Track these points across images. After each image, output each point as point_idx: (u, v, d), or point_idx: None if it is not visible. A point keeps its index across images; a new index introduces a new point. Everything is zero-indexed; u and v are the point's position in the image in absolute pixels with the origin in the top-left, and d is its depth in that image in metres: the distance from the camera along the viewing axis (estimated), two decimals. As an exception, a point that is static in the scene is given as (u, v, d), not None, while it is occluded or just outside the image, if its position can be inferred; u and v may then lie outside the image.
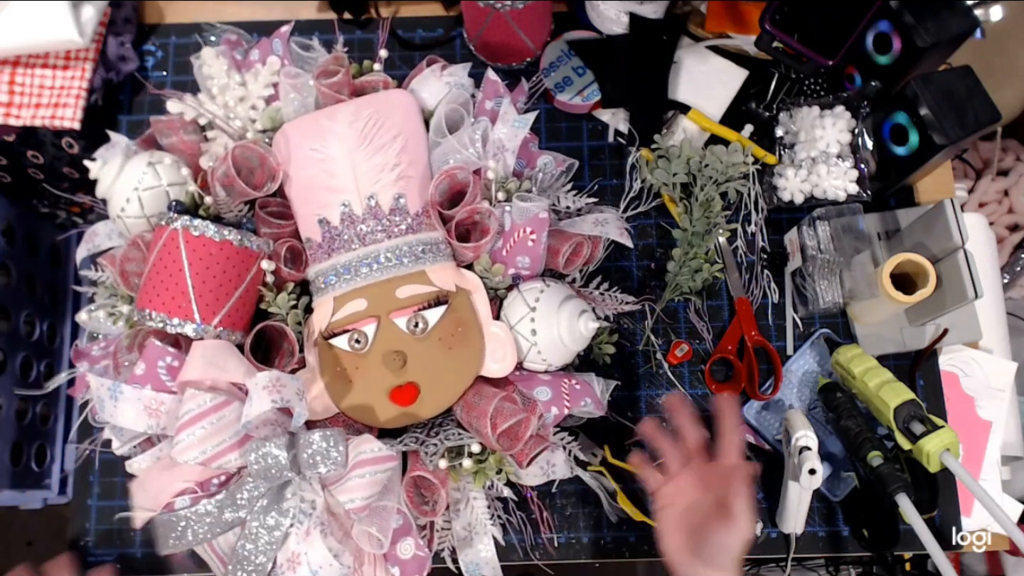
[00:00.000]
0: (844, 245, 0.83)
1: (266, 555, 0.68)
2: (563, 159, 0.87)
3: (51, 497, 1.06)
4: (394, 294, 0.74)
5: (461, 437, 0.74)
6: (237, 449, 0.68)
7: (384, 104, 0.79)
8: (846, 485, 0.84)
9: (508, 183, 0.79)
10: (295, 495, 0.69)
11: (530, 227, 0.75)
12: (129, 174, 0.78)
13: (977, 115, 0.80)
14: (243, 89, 0.86)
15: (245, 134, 0.84)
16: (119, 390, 0.70)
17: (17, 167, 1.06)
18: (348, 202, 0.76)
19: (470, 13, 0.89)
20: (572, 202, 0.82)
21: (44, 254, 1.10)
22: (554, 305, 0.74)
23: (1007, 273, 1.19)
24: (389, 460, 0.69)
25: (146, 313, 0.71)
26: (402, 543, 0.74)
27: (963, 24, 0.80)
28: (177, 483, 0.70)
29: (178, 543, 0.68)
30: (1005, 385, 0.91)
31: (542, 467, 0.75)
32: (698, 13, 0.95)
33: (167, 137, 0.85)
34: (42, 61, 0.90)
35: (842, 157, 0.86)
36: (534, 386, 0.75)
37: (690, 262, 0.86)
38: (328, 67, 0.81)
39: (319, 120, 0.78)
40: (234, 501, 0.69)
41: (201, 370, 0.69)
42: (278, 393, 0.67)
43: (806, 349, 0.88)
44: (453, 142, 0.78)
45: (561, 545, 0.83)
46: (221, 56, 0.87)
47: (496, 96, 0.85)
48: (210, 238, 0.71)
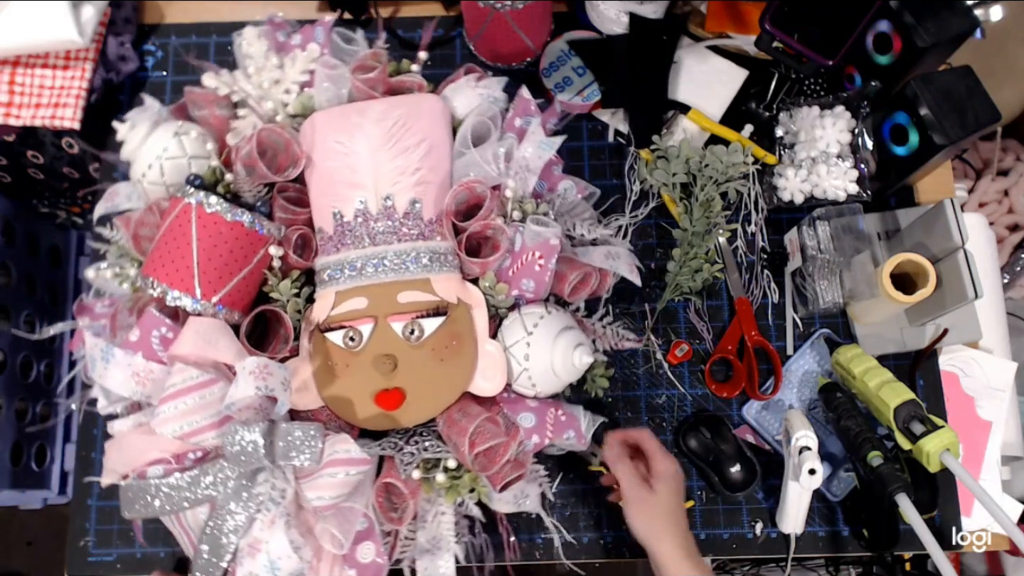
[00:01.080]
0: (844, 245, 0.83)
1: (230, 538, 0.69)
2: (585, 186, 0.85)
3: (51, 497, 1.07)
4: (395, 298, 0.74)
5: (439, 450, 0.74)
6: (216, 429, 0.69)
7: (415, 107, 0.79)
8: (846, 485, 0.84)
9: (525, 203, 0.78)
10: (267, 482, 0.70)
11: (539, 252, 0.75)
12: (155, 141, 0.79)
13: (977, 115, 0.80)
14: (279, 72, 0.86)
15: (275, 117, 0.84)
16: (111, 353, 0.71)
17: (17, 167, 1.06)
18: (365, 199, 0.76)
19: (470, 13, 0.89)
20: (587, 230, 0.81)
21: (44, 254, 1.10)
22: (551, 334, 0.74)
23: (1007, 273, 1.19)
24: (362, 463, 0.69)
25: (149, 281, 0.72)
26: (363, 546, 0.73)
27: (963, 24, 0.80)
28: (153, 451, 0.70)
29: (143, 510, 0.68)
30: (1005, 385, 0.91)
31: (515, 495, 0.75)
32: (698, 13, 0.95)
33: (199, 109, 0.85)
34: (42, 61, 0.90)
35: (842, 157, 0.86)
36: (520, 410, 0.75)
37: (690, 262, 0.86)
38: (366, 62, 0.81)
39: (349, 114, 0.79)
40: (206, 479, 0.69)
41: (193, 346, 0.69)
42: (263, 380, 0.67)
43: (806, 349, 0.88)
44: (476, 156, 0.78)
45: (561, 545, 0.83)
46: (263, 37, 0.87)
47: (527, 115, 0.84)
48: (222, 217, 0.72)
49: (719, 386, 0.87)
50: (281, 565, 0.68)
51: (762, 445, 0.86)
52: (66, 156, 1.02)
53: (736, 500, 0.84)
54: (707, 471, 0.83)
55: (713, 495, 0.85)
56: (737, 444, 0.84)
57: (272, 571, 0.68)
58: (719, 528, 0.84)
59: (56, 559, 0.85)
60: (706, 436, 0.84)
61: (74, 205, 1.20)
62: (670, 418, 0.87)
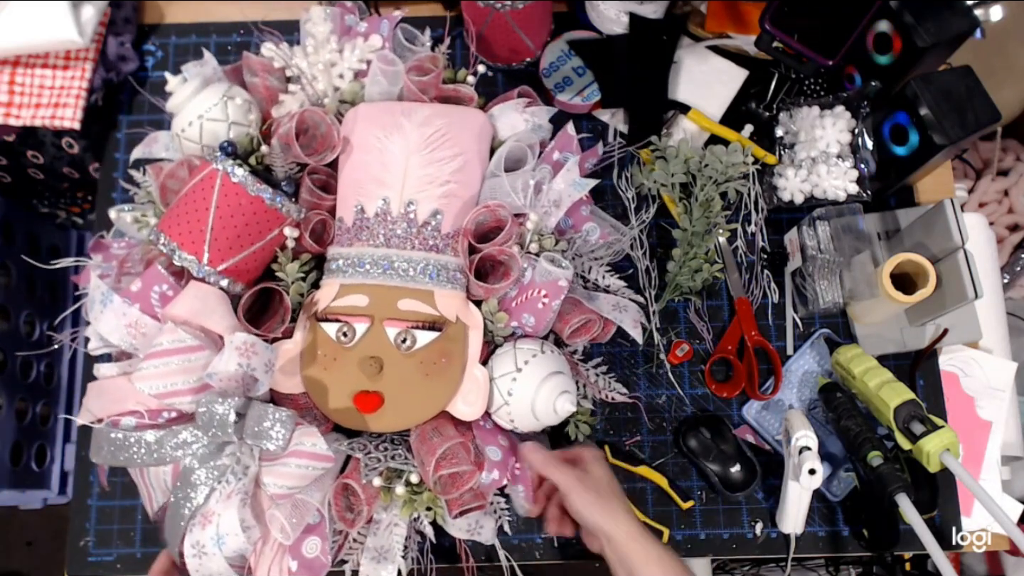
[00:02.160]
0: (844, 245, 0.83)
1: (188, 503, 0.69)
2: (609, 231, 0.84)
3: (51, 497, 1.07)
4: (396, 303, 0.74)
5: (406, 462, 0.74)
6: (194, 395, 0.69)
7: (459, 120, 0.80)
8: (846, 485, 0.84)
9: (545, 238, 0.78)
10: (232, 455, 0.70)
11: (546, 291, 0.74)
12: (201, 100, 0.80)
13: (977, 115, 0.80)
14: (337, 56, 0.86)
15: (324, 99, 0.84)
16: (110, 298, 0.71)
17: (17, 167, 1.06)
18: (388, 199, 0.76)
19: (470, 13, 0.89)
20: (602, 277, 0.81)
21: (44, 254, 1.10)
22: (539, 376, 0.73)
23: (1007, 273, 1.19)
24: (326, 460, 0.69)
25: (162, 236, 0.73)
26: (310, 540, 0.73)
27: (963, 24, 0.81)
28: (130, 402, 0.70)
29: (108, 458, 0.69)
30: (1005, 385, 0.91)
31: (470, 524, 0.76)
32: (698, 13, 0.95)
33: (253, 76, 0.86)
34: (42, 61, 0.90)
35: (842, 157, 0.86)
36: (490, 443, 0.75)
37: (690, 262, 0.86)
38: (423, 64, 0.81)
39: (394, 112, 0.79)
40: (173, 441, 0.69)
41: (189, 309, 0.70)
42: (247, 358, 0.68)
43: (806, 349, 0.88)
44: (505, 181, 0.77)
45: (561, 545, 0.83)
46: (329, 19, 0.87)
47: (567, 150, 0.84)
48: (245, 189, 0.72)
49: (719, 386, 0.87)
50: (227, 542, 0.68)
51: (762, 445, 0.86)
52: (66, 156, 1.02)
53: (736, 500, 0.84)
54: (707, 471, 0.83)
55: (713, 495, 0.85)
56: (737, 444, 0.84)
57: (218, 545, 0.68)
58: (719, 528, 0.84)
59: (56, 559, 0.85)
60: (706, 436, 0.84)
61: (74, 205, 1.20)
62: (670, 418, 0.87)
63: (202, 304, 0.71)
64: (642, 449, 0.86)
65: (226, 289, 0.74)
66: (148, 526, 0.83)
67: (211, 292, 0.72)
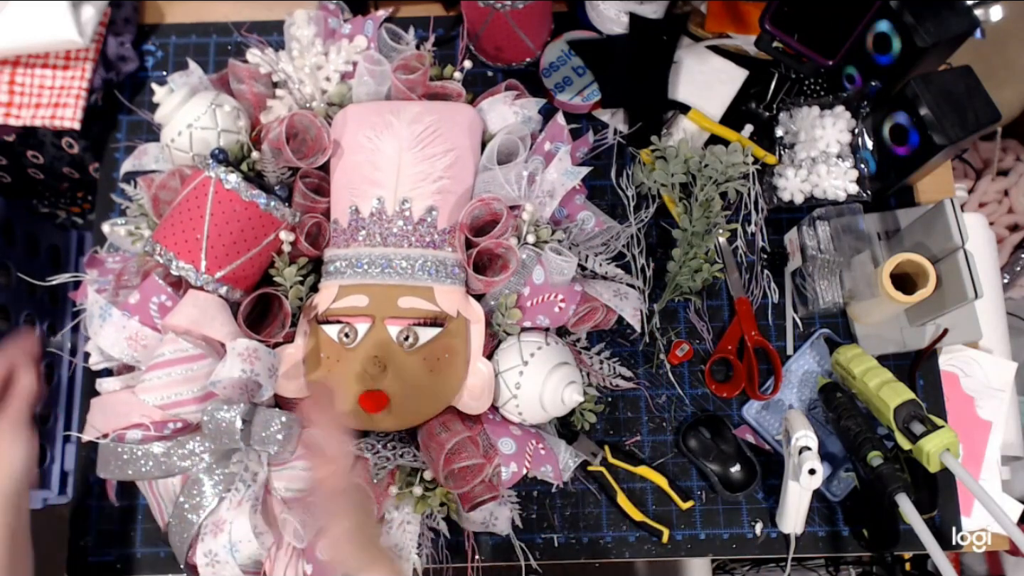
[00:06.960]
0: (844, 245, 0.83)
1: (197, 513, 0.69)
2: (604, 220, 0.84)
3: (51, 497, 1.06)
4: (396, 301, 0.74)
5: (416, 460, 0.74)
6: (198, 404, 0.69)
7: (449, 116, 0.80)
8: (846, 485, 0.84)
9: (541, 228, 0.78)
10: (240, 463, 0.70)
11: (563, 295, 0.75)
12: (189, 109, 0.80)
13: (977, 115, 0.80)
14: (323, 59, 0.86)
15: (311, 102, 0.84)
16: (109, 312, 0.71)
17: (17, 167, 1.06)
18: (382, 198, 0.76)
19: (470, 13, 0.89)
20: (600, 265, 0.81)
21: (44, 254, 1.10)
22: (546, 367, 0.73)
23: (1007, 273, 1.19)
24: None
25: (157, 247, 0.72)
26: (324, 543, 0.73)
27: (963, 24, 0.80)
28: (135, 415, 0.70)
29: (117, 472, 0.69)
30: (1005, 385, 0.91)
31: (484, 516, 0.75)
32: (698, 13, 0.95)
33: (239, 83, 0.85)
34: (42, 61, 0.90)
35: (842, 157, 0.86)
36: (501, 435, 0.74)
37: (690, 262, 0.86)
38: (409, 62, 0.81)
39: (383, 111, 0.79)
40: (181, 452, 0.69)
41: (189, 318, 0.70)
42: (250, 364, 0.68)
43: (806, 349, 0.88)
44: (499, 174, 0.77)
45: (561, 545, 0.83)
46: (312, 22, 0.86)
47: (558, 140, 0.84)
48: (238, 195, 0.72)
49: (719, 386, 0.87)
50: (241, 548, 0.68)
51: (762, 445, 0.86)
52: (66, 156, 1.02)
53: (736, 500, 0.84)
54: (707, 471, 0.83)
55: (713, 495, 0.85)
56: (737, 444, 0.84)
57: (231, 553, 0.68)
58: (719, 528, 0.84)
59: (56, 559, 0.84)
60: (706, 436, 0.84)
61: (74, 205, 1.20)
62: (670, 418, 0.87)
63: (202, 312, 0.71)
64: (642, 449, 0.86)
65: (225, 296, 0.73)
66: (148, 526, 0.83)
67: (210, 300, 0.72)
